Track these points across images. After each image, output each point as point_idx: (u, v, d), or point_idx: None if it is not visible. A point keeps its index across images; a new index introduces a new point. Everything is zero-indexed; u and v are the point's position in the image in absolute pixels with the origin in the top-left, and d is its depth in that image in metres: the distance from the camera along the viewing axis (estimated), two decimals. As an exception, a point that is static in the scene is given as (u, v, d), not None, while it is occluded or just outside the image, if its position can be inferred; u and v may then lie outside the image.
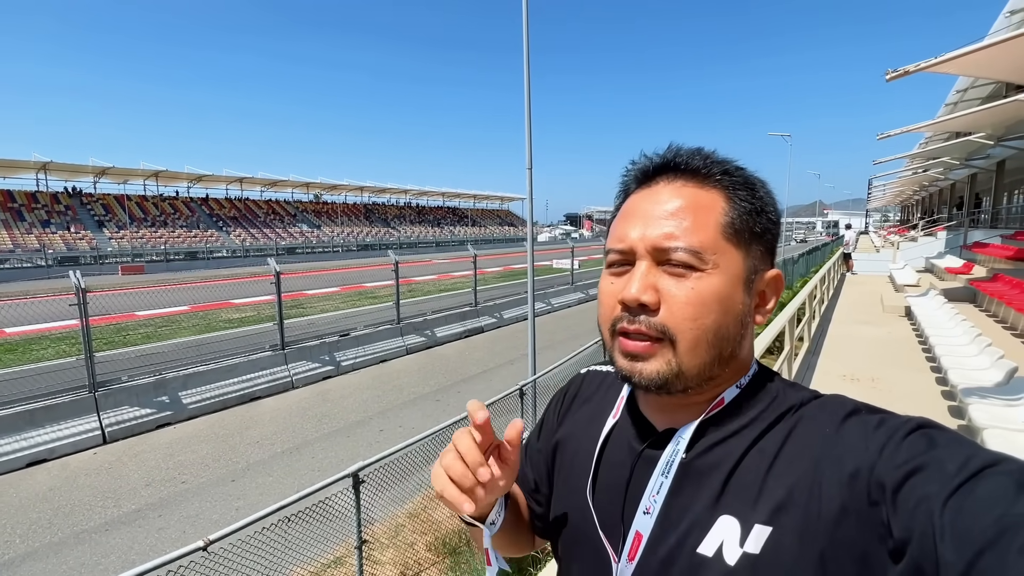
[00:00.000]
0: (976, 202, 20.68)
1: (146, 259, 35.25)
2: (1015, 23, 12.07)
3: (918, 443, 0.44)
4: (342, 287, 19.20)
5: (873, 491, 0.43)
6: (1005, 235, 13.29)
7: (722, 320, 0.53)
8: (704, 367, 0.54)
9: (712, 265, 0.53)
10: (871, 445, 0.46)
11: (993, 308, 7.07)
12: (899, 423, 0.47)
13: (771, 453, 0.51)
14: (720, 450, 0.54)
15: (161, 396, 7.35)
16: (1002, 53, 6.26)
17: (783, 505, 0.48)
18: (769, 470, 0.51)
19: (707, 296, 0.53)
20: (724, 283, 0.54)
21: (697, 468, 0.55)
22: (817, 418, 0.52)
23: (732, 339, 0.55)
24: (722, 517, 0.51)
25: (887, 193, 39.70)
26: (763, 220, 0.57)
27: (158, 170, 43.10)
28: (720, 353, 0.54)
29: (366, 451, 6.33)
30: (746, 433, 0.54)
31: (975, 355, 4.21)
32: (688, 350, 0.53)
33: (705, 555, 0.51)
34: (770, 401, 0.56)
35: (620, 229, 0.58)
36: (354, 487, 2.94)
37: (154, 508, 5.21)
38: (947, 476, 0.40)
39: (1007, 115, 11.43)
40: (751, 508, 0.50)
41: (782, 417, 0.54)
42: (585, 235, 73.43)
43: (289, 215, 54.89)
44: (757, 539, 0.48)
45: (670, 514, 0.55)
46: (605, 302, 0.58)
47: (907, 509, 0.40)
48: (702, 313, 0.53)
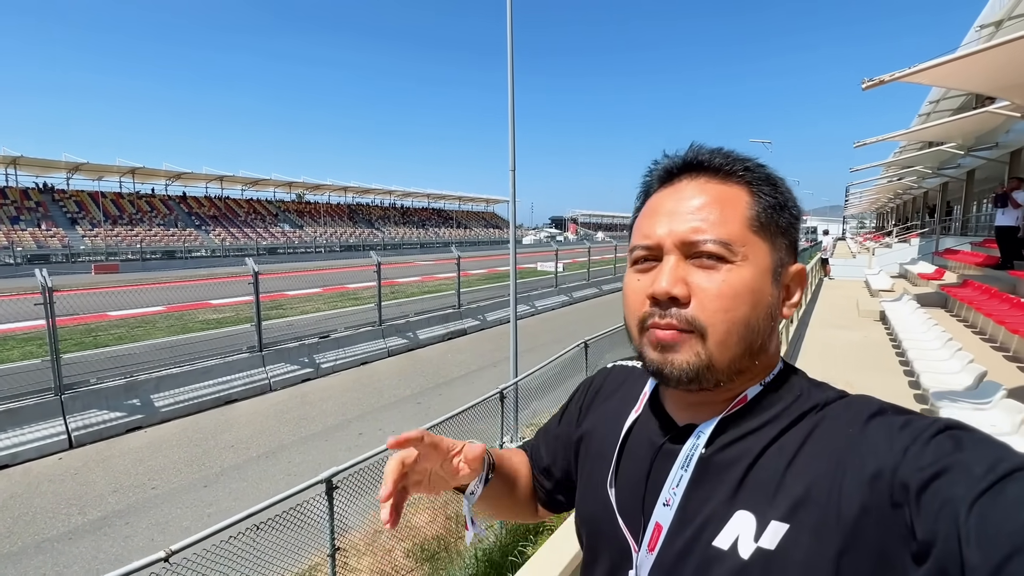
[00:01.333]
0: (947, 210, 21.27)
1: (121, 258, 34.32)
2: (985, 36, 12.47)
3: (944, 445, 0.43)
4: (324, 288, 18.93)
5: (896, 492, 0.43)
6: (974, 242, 13.69)
7: (752, 312, 0.54)
8: (735, 360, 0.54)
9: (742, 257, 0.54)
10: (895, 446, 0.45)
11: (963, 313, 7.26)
12: (925, 424, 0.46)
13: (791, 450, 0.52)
14: (740, 446, 0.54)
15: (132, 399, 7.14)
16: (972, 65, 6.43)
17: (801, 502, 0.48)
18: (788, 467, 0.51)
19: (739, 288, 0.53)
20: (754, 275, 0.54)
21: (716, 463, 0.55)
22: (841, 417, 0.51)
23: (762, 332, 0.55)
24: (739, 512, 0.51)
25: (863, 200, 40.68)
26: (786, 215, 0.57)
27: (135, 167, 42.04)
28: (750, 346, 0.54)
29: (345, 455, 6.22)
30: (767, 430, 0.54)
31: (946, 359, 4.31)
32: (719, 342, 0.53)
33: (720, 548, 0.51)
34: (794, 399, 0.55)
35: (645, 226, 0.59)
36: (327, 493, 2.87)
37: (121, 515, 5.04)
38: (974, 479, 0.39)
39: (976, 126, 11.79)
40: (768, 504, 0.50)
41: (805, 415, 0.53)
42: (570, 238, 73.79)
43: (271, 215, 54.05)
44: (773, 535, 0.48)
45: (688, 507, 0.55)
46: (633, 299, 0.58)
47: (931, 511, 0.40)
48: (733, 305, 0.53)
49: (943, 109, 18.59)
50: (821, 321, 8.50)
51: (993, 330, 5.78)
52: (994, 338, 5.75)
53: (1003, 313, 5.61)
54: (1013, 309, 5.72)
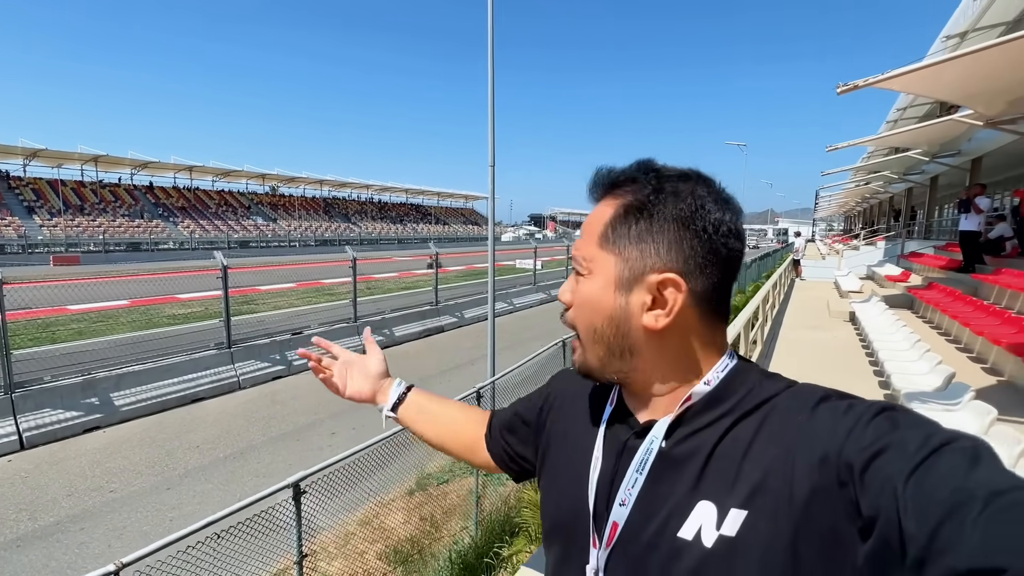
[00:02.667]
0: (912, 214, 22.05)
1: (82, 249, 32.96)
2: (950, 47, 12.91)
3: (882, 425, 0.45)
4: (297, 283, 18.51)
5: (842, 472, 0.45)
6: (938, 246, 14.20)
7: (594, 319, 0.60)
8: (601, 359, 0.61)
9: (587, 271, 0.62)
10: (839, 429, 0.48)
11: (929, 315, 7.50)
12: (865, 407, 0.49)
13: (746, 440, 0.54)
14: (696, 439, 0.57)
15: (90, 397, 6.80)
16: (939, 74, 6.63)
17: (758, 489, 0.50)
18: (744, 456, 0.53)
19: (584, 297, 0.62)
20: (595, 286, 0.60)
21: (675, 457, 0.57)
22: (790, 406, 0.54)
23: (609, 337, 0.60)
24: (700, 502, 0.53)
25: (832, 203, 41.90)
26: (644, 221, 0.58)
27: (97, 154, 40.35)
28: (608, 348, 0.60)
29: (316, 455, 6.06)
30: (722, 422, 0.56)
31: (915, 360, 4.41)
32: (581, 343, 0.63)
33: (685, 539, 0.53)
34: (747, 392, 0.57)
35: None
36: (294, 498, 2.74)
37: (76, 521, 4.78)
38: (908, 455, 0.42)
39: (941, 133, 12.21)
40: (727, 493, 0.52)
41: (758, 407, 0.56)
42: (549, 236, 74.01)
43: (243, 207, 52.63)
44: (733, 522, 0.51)
45: (653, 502, 0.57)
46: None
47: (874, 488, 0.42)
48: (581, 312, 0.62)
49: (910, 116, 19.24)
50: (793, 322, 8.67)
51: (958, 331, 5.97)
52: (959, 339, 5.94)
53: (967, 315, 5.80)
54: (977, 311, 5.92)
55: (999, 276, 6.84)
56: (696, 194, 0.58)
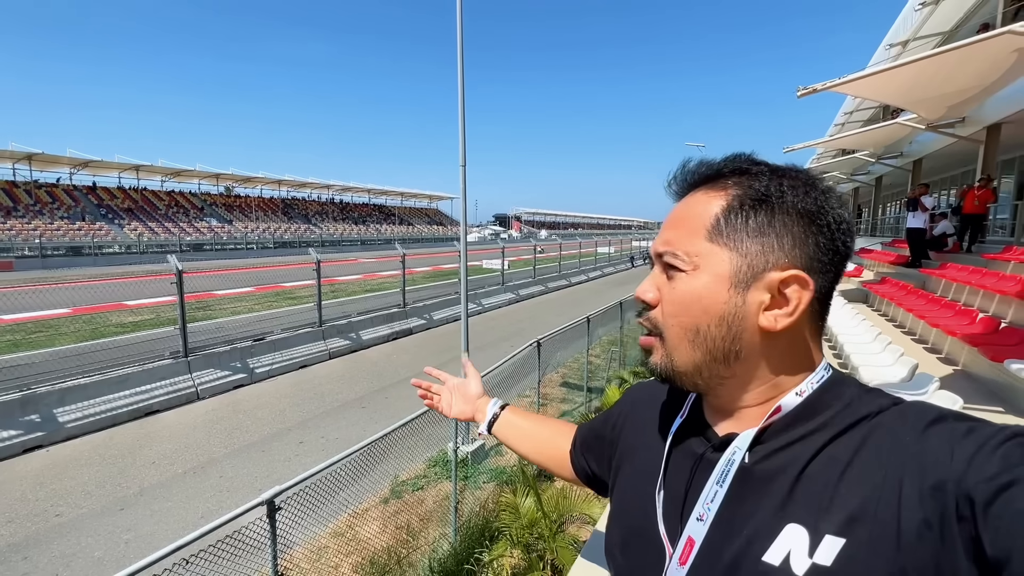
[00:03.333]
0: (858, 213, 23.29)
1: (16, 254, 30.67)
2: (893, 55, 13.67)
3: (1013, 453, 0.41)
4: (257, 287, 17.80)
5: (961, 505, 0.41)
6: (884, 242, 15.03)
7: (701, 319, 0.54)
8: (696, 364, 0.55)
9: (692, 266, 0.55)
10: (958, 455, 0.43)
11: (884, 308, 7.90)
12: (992, 431, 0.44)
13: (844, 460, 0.49)
14: (785, 455, 0.52)
15: (30, 415, 6.28)
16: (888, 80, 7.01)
17: (857, 516, 0.46)
18: (841, 478, 0.48)
19: (686, 296, 0.55)
20: (705, 283, 0.54)
21: (759, 474, 0.53)
22: (897, 425, 0.49)
23: (717, 339, 0.54)
24: (789, 525, 0.49)
25: (785, 203, 43.85)
26: (765, 215, 0.54)
27: (32, 152, 37.62)
28: (710, 352, 0.54)
29: (283, 467, 5.80)
30: (814, 438, 0.52)
31: (879, 352, 4.62)
32: (673, 347, 0.56)
33: (771, 564, 0.49)
34: (843, 407, 0.53)
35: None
36: (269, 516, 2.58)
37: (17, 549, 4.38)
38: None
39: (886, 137, 12.93)
40: (821, 517, 0.48)
41: (857, 423, 0.51)
42: (514, 236, 74.21)
43: (196, 208, 50.29)
44: (829, 551, 0.46)
45: (732, 520, 0.53)
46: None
47: (1003, 526, 0.38)
48: (680, 311, 0.55)
49: (856, 120, 20.31)
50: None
51: (912, 323, 6.30)
52: (913, 331, 6.28)
53: (921, 308, 6.13)
54: (929, 304, 6.27)
55: (945, 270, 7.27)
56: (819, 188, 0.55)
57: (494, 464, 5.79)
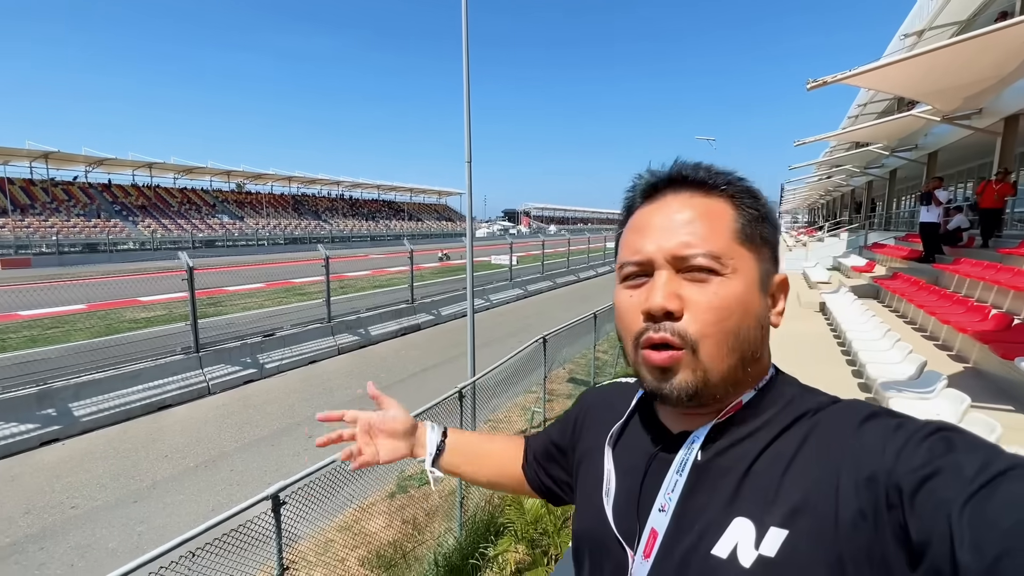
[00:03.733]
0: (872, 206, 22.91)
1: (33, 251, 31.29)
2: (908, 45, 13.39)
3: (936, 446, 0.44)
4: (267, 283, 17.99)
5: (891, 495, 0.43)
6: (898, 237, 14.78)
7: (743, 323, 0.54)
8: (729, 372, 0.54)
9: (731, 270, 0.54)
10: (888, 449, 0.46)
11: (895, 304, 7.77)
12: (917, 426, 0.47)
13: (787, 456, 0.52)
14: (735, 452, 0.55)
15: (46, 408, 6.43)
16: (901, 71, 6.86)
17: (799, 508, 0.48)
18: (785, 473, 0.51)
19: (729, 300, 0.54)
20: (744, 286, 0.55)
21: (712, 469, 0.55)
22: (835, 422, 0.52)
23: (753, 341, 0.55)
24: (737, 519, 0.51)
25: (797, 197, 43.21)
26: (768, 226, 0.58)
27: (48, 151, 38.21)
28: (743, 356, 0.55)
29: (292, 461, 5.87)
30: (761, 435, 0.54)
31: (887, 349, 4.55)
32: (711, 355, 0.53)
33: (720, 557, 0.50)
34: (785, 404, 0.56)
35: (634, 242, 0.59)
36: (274, 510, 2.62)
37: (34, 540, 4.50)
38: (965, 480, 0.40)
39: (900, 129, 12.68)
40: (766, 510, 0.50)
41: (798, 420, 0.54)
42: (523, 231, 74.09)
43: (207, 205, 50.85)
44: (773, 542, 0.48)
45: (685, 515, 0.55)
46: (627, 316, 0.58)
47: (925, 513, 0.40)
48: (725, 316, 0.53)
49: (870, 112, 19.93)
50: (766, 312, 8.86)
51: (923, 320, 6.19)
52: (924, 327, 6.17)
53: (933, 304, 6.02)
54: (941, 300, 6.16)
55: (959, 266, 7.14)
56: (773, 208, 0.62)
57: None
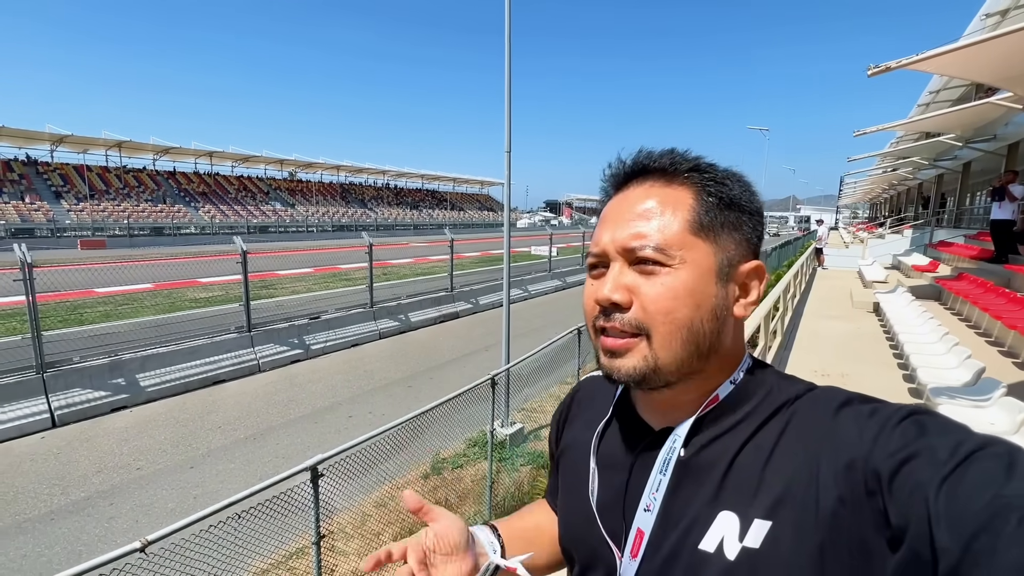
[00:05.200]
0: (941, 202, 21.32)
1: (108, 234, 33.77)
2: (990, 26, 12.30)
3: (910, 431, 0.44)
4: (315, 268, 18.74)
5: (869, 481, 0.44)
6: (968, 235, 13.72)
7: (694, 314, 0.54)
8: (681, 362, 0.55)
9: (679, 260, 0.54)
10: (865, 435, 0.46)
11: (958, 307, 7.26)
12: (891, 411, 0.47)
13: (767, 448, 0.52)
14: (717, 446, 0.55)
15: (117, 378, 7.01)
16: (977, 55, 6.32)
17: (781, 499, 0.49)
18: (766, 464, 0.51)
19: (677, 291, 0.54)
20: (693, 277, 0.54)
21: (695, 465, 0.55)
22: (812, 411, 0.52)
23: (708, 333, 0.55)
24: (722, 513, 0.52)
25: (857, 190, 40.71)
26: (734, 213, 0.57)
27: (121, 140, 41.05)
28: (697, 347, 0.55)
29: (334, 438, 6.16)
30: (742, 428, 0.55)
31: (943, 354, 4.27)
32: (663, 345, 0.54)
33: (706, 551, 0.51)
34: (765, 395, 0.56)
35: (596, 234, 0.60)
36: (312, 481, 2.79)
37: (105, 496, 4.96)
38: (939, 462, 0.40)
39: (976, 117, 11.71)
40: (750, 503, 0.50)
41: (778, 411, 0.54)
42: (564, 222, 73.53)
43: (262, 192, 53.26)
44: (757, 533, 0.49)
45: (671, 512, 0.55)
46: (586, 303, 0.59)
47: (902, 497, 0.41)
48: (672, 307, 0.54)
49: (943, 100, 18.48)
50: (815, 311, 8.50)
51: (988, 324, 5.76)
52: (989, 332, 5.74)
53: (999, 308, 5.59)
54: (1009, 304, 5.70)
55: (1034, 267, 6.57)
56: (753, 189, 0.60)
57: (532, 448, 5.89)
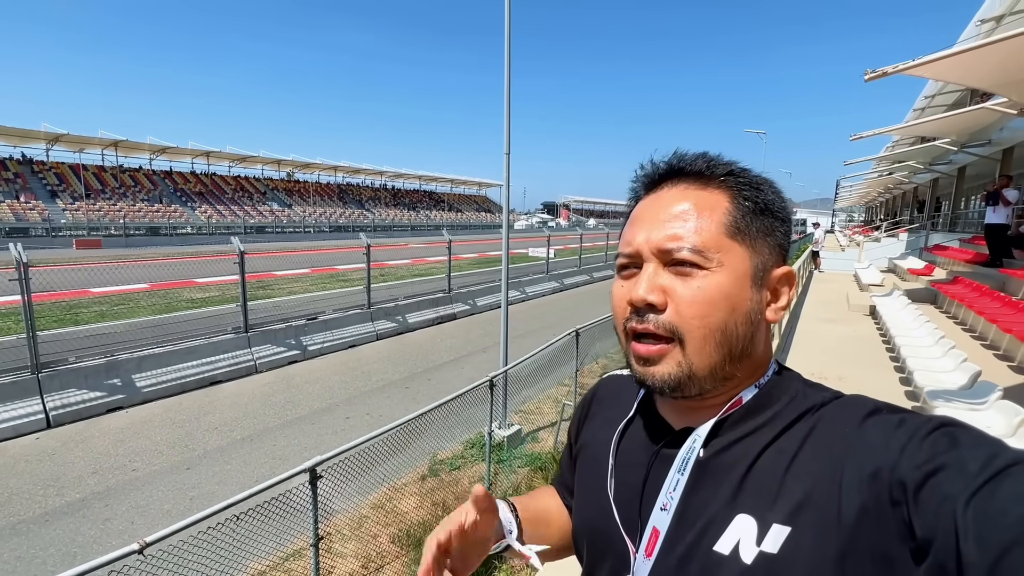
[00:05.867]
0: (936, 206, 21.45)
1: (104, 233, 33.60)
2: (985, 31, 12.41)
3: (940, 442, 0.43)
4: (312, 269, 18.72)
5: (895, 491, 0.43)
6: (963, 239, 13.82)
7: (729, 317, 0.54)
8: (715, 367, 0.54)
9: (717, 263, 0.54)
10: (892, 444, 0.46)
11: (953, 310, 7.30)
12: (920, 422, 0.47)
13: (790, 452, 0.52)
14: (737, 449, 0.55)
15: (113, 379, 6.97)
16: (973, 60, 6.37)
17: (802, 505, 0.48)
18: (788, 469, 0.51)
19: (713, 294, 0.53)
20: (730, 281, 0.54)
21: (714, 467, 0.55)
22: (837, 418, 0.52)
23: (741, 337, 0.55)
24: (739, 516, 0.51)
25: (853, 194, 40.91)
26: (768, 218, 0.57)
27: (118, 139, 40.88)
28: (731, 351, 0.54)
29: (332, 439, 6.14)
30: (764, 432, 0.54)
31: (939, 357, 4.30)
32: (697, 349, 0.54)
33: (722, 553, 0.51)
34: (789, 400, 0.56)
35: (628, 234, 0.60)
36: (311, 483, 2.78)
37: (100, 497, 4.92)
38: (969, 475, 0.39)
39: (972, 122, 11.80)
40: (769, 507, 0.50)
41: (802, 416, 0.54)
42: (562, 224, 73.62)
43: (259, 192, 53.11)
44: (775, 539, 0.48)
45: (687, 512, 0.55)
46: (616, 305, 0.59)
47: (929, 509, 0.40)
48: (708, 311, 0.53)
49: (938, 104, 18.63)
50: (811, 314, 8.53)
51: (984, 328, 5.80)
52: (984, 336, 5.77)
53: (995, 311, 5.63)
54: (1004, 307, 5.75)
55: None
56: (783, 195, 0.61)
57: (529, 450, 5.89)
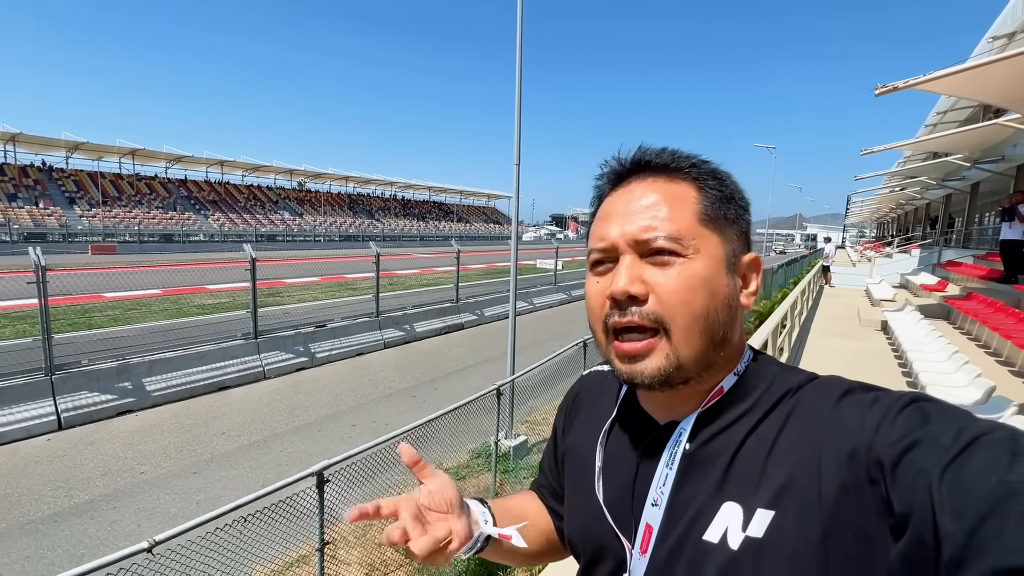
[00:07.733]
0: (949, 222, 21.23)
1: (119, 239, 34.13)
2: (997, 48, 12.37)
3: (912, 418, 0.44)
4: (322, 277, 18.85)
5: (872, 469, 0.44)
6: (977, 255, 13.64)
7: (710, 303, 0.54)
8: (701, 354, 0.55)
9: (693, 250, 0.55)
10: (867, 423, 0.46)
11: (967, 326, 7.20)
12: (893, 399, 0.47)
13: (770, 438, 0.52)
14: (721, 439, 0.55)
15: (123, 382, 7.04)
16: (985, 76, 6.37)
17: (784, 488, 0.49)
18: (769, 455, 0.52)
19: (693, 280, 0.54)
20: (708, 266, 0.55)
21: (700, 458, 0.56)
22: (814, 401, 0.53)
23: (722, 323, 0.56)
24: (725, 504, 0.52)
25: (864, 209, 40.63)
26: (734, 206, 0.59)
27: (135, 148, 41.72)
28: (713, 338, 0.55)
29: (338, 446, 6.15)
30: (746, 420, 0.55)
31: (952, 372, 4.24)
32: (683, 338, 0.54)
33: (711, 542, 0.51)
34: (768, 386, 0.56)
35: (600, 229, 0.60)
36: (318, 487, 2.79)
37: (108, 499, 4.95)
38: (942, 448, 0.40)
39: (985, 138, 11.73)
40: (753, 493, 0.51)
41: (780, 401, 0.55)
42: (570, 236, 73.68)
43: (271, 201, 53.79)
44: (760, 523, 0.49)
45: (677, 505, 0.55)
46: (593, 302, 0.59)
47: (906, 484, 0.41)
48: (691, 297, 0.54)
49: (950, 120, 18.53)
50: (822, 329, 8.45)
51: (999, 344, 5.71)
52: (999, 352, 5.68)
53: (1009, 327, 5.54)
54: (1020, 324, 5.66)
55: (1044, 287, 6.52)
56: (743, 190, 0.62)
57: (535, 461, 5.85)
